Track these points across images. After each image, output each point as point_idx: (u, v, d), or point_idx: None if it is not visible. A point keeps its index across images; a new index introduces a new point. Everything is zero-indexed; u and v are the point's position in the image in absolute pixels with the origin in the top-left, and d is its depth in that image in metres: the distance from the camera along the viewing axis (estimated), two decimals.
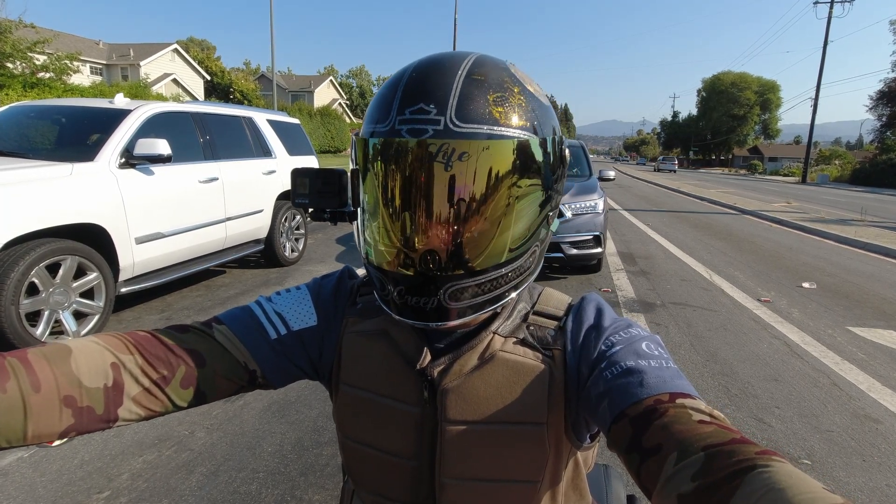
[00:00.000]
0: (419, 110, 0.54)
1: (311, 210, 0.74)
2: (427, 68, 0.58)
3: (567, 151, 0.65)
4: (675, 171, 45.35)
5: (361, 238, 0.64)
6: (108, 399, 0.55)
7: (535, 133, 0.58)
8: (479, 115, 0.54)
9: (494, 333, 0.64)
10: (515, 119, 0.56)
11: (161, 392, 0.59)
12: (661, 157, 57.94)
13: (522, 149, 0.56)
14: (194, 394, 0.61)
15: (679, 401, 0.51)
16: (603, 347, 0.60)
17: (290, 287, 0.74)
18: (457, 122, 0.54)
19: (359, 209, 0.63)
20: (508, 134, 0.55)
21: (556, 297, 0.70)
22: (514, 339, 0.64)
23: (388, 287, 0.60)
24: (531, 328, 0.65)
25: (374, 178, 0.58)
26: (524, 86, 0.60)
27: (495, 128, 0.55)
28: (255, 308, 0.69)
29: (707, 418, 0.49)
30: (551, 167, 0.61)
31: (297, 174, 0.73)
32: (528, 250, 0.62)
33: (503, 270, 0.60)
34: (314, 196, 0.72)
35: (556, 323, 0.66)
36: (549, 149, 0.60)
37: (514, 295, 0.63)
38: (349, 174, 0.65)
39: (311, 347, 0.69)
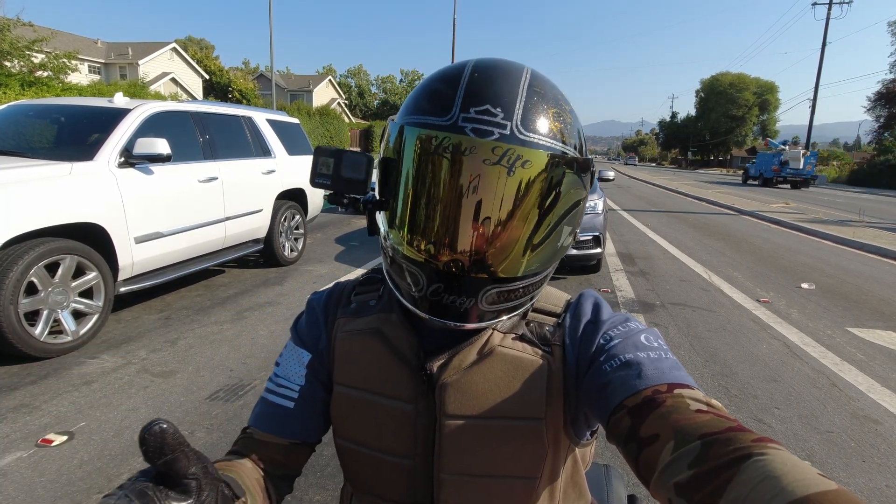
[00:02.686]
0: (485, 111, 0.55)
1: (328, 193, 0.71)
2: (490, 71, 0.58)
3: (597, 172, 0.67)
4: (636, 165, 76.95)
5: (392, 230, 0.62)
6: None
7: (580, 152, 0.60)
8: (542, 127, 0.56)
9: (494, 329, 0.65)
10: (569, 137, 0.58)
11: (266, 489, 0.65)
12: (628, 156, 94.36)
13: (572, 165, 0.58)
14: (283, 478, 0.70)
15: (677, 391, 0.52)
16: (601, 341, 0.61)
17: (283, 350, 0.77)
18: (522, 130, 0.55)
19: (392, 200, 0.61)
20: (563, 150, 0.57)
21: (555, 295, 0.71)
22: (513, 335, 0.65)
23: (421, 283, 0.60)
24: (530, 325, 0.66)
25: (425, 172, 0.56)
26: (570, 106, 0.62)
27: (555, 142, 0.56)
28: (266, 395, 0.72)
29: (704, 407, 0.49)
30: (587, 184, 0.63)
31: (322, 153, 0.70)
32: (558, 259, 0.65)
33: (538, 277, 0.62)
34: (338, 179, 0.69)
35: (554, 319, 0.67)
36: (589, 167, 0.62)
37: (531, 301, 0.65)
38: (378, 162, 0.64)
39: (321, 374, 0.71)
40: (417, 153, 0.57)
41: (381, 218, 0.64)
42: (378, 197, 0.63)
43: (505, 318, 0.63)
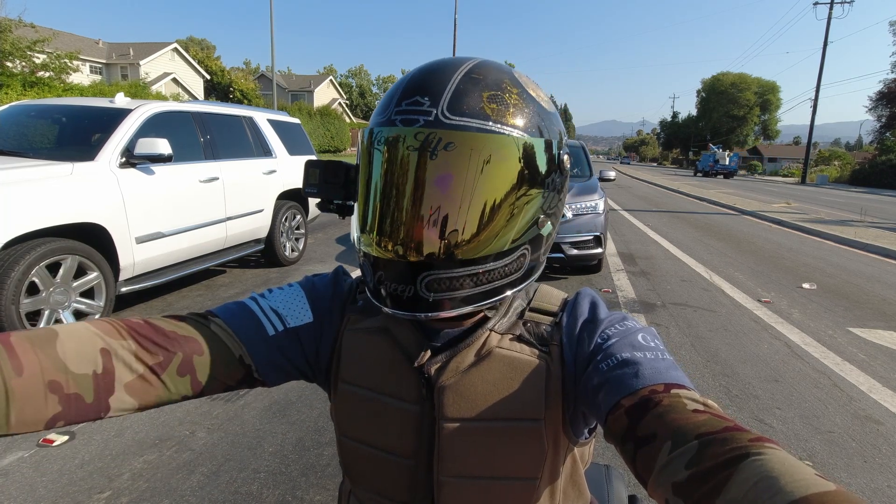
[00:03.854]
0: (414, 102, 0.57)
1: (319, 201, 0.78)
2: (430, 68, 0.61)
3: (566, 158, 0.63)
4: (630, 164, 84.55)
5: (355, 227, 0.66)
6: (98, 386, 0.53)
7: (529, 134, 0.58)
8: (469, 109, 0.56)
9: (491, 331, 0.64)
10: (508, 118, 0.57)
11: (157, 379, 0.57)
12: (624, 157, 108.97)
13: (511, 147, 0.56)
14: (191, 383, 0.60)
15: (674, 391, 0.52)
16: (599, 340, 0.61)
17: (282, 285, 0.73)
18: (447, 115, 0.55)
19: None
20: (497, 130, 0.56)
21: (552, 294, 0.71)
22: (511, 336, 0.64)
23: (369, 273, 0.63)
24: (528, 325, 0.66)
25: (366, 166, 0.61)
26: (524, 88, 0.61)
27: (486, 123, 0.56)
28: (250, 304, 0.68)
29: (701, 407, 0.49)
30: (543, 170, 0.60)
31: (309, 165, 0.78)
32: (516, 250, 0.61)
33: (486, 266, 0.59)
34: (322, 186, 0.76)
35: (551, 319, 0.66)
36: (543, 151, 0.59)
37: (508, 293, 0.63)
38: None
39: (308, 345, 0.69)
40: (362, 151, 0.62)
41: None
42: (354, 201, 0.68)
43: (477, 305, 0.60)
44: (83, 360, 0.53)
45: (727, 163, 39.58)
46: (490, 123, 0.56)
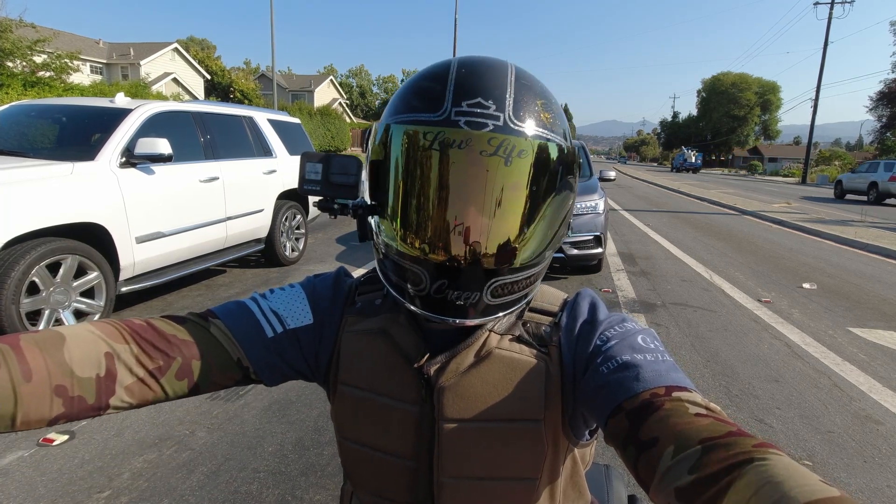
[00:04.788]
0: (477, 104, 0.55)
1: (317, 200, 0.69)
2: (476, 66, 0.59)
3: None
4: (626, 163, 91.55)
5: (389, 230, 0.60)
6: (100, 389, 0.54)
7: (569, 141, 0.61)
8: (532, 117, 0.57)
9: (490, 331, 0.64)
10: (557, 126, 0.59)
11: (155, 382, 0.58)
12: (622, 157, 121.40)
13: (563, 154, 0.59)
14: (188, 385, 0.61)
15: (675, 394, 0.52)
16: (598, 342, 0.61)
17: (283, 285, 0.73)
18: (515, 121, 0.55)
19: (387, 201, 0.60)
20: (555, 139, 0.58)
21: (551, 294, 0.71)
22: (510, 337, 0.64)
23: (424, 281, 0.58)
24: (527, 325, 0.66)
25: (421, 169, 0.56)
26: (555, 98, 0.63)
27: (546, 131, 0.57)
28: (251, 305, 0.68)
29: (703, 411, 0.49)
30: (576, 174, 0.64)
31: (308, 159, 0.68)
32: (555, 248, 0.65)
33: (538, 267, 0.62)
34: (327, 185, 0.68)
35: (551, 319, 0.66)
36: (576, 158, 0.63)
37: (537, 290, 0.66)
38: (367, 165, 0.63)
39: (307, 347, 0.68)
40: (411, 151, 0.56)
41: (374, 221, 0.63)
42: (370, 201, 0.62)
43: (504, 313, 0.62)
44: (88, 364, 0.54)
45: (693, 160, 53.34)
46: (548, 132, 0.57)
